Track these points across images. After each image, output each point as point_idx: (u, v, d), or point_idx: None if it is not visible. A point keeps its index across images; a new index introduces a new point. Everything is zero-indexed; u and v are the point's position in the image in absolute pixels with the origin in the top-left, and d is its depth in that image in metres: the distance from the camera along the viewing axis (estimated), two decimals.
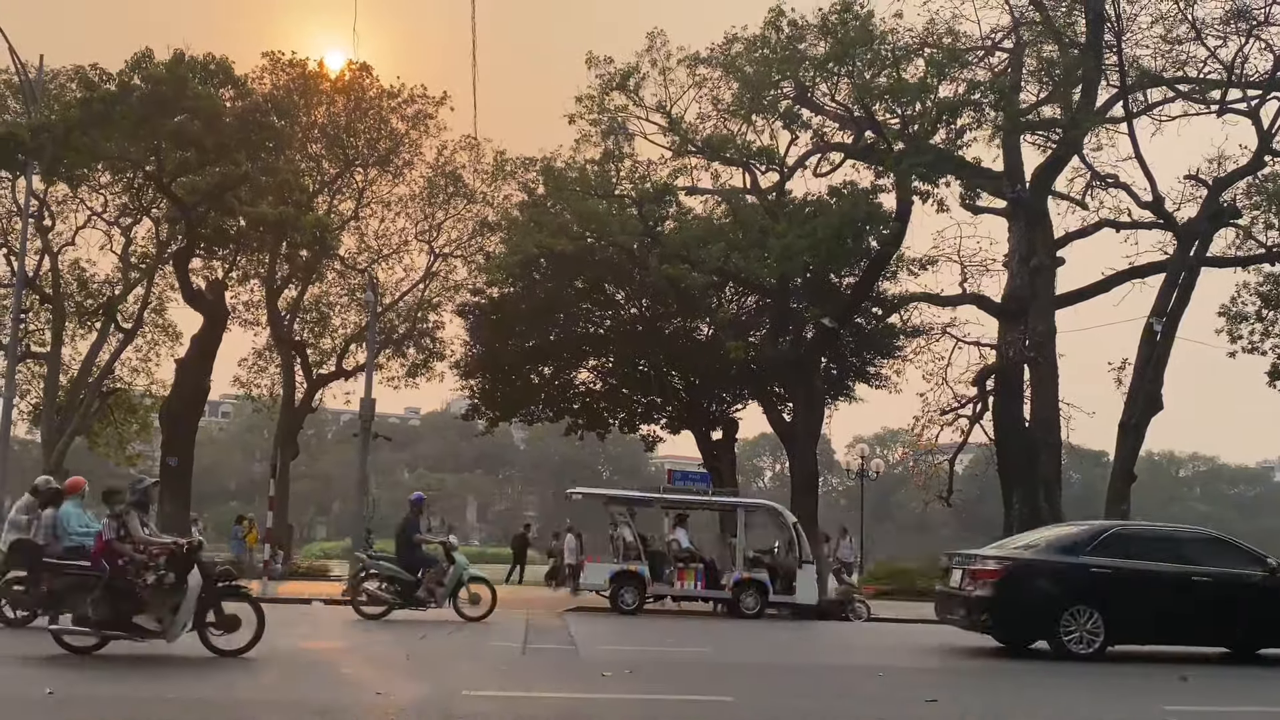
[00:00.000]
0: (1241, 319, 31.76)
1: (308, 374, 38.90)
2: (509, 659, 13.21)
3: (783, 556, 23.15)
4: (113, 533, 11.68)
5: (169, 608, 11.41)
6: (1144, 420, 32.04)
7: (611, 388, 36.49)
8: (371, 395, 27.30)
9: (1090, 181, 33.28)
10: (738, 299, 34.58)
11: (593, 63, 29.13)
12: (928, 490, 39.19)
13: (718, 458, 35.23)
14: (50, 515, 14.27)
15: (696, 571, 22.43)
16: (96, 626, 11.35)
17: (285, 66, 35.39)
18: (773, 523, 24.49)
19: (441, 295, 39.13)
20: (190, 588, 11.47)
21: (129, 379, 41.46)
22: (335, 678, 11.02)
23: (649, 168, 30.31)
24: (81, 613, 11.34)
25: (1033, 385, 32.98)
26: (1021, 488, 31.31)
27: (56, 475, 37.06)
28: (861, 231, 27.71)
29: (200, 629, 11.75)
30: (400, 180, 38.27)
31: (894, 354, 35.36)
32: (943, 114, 26.36)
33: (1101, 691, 12.14)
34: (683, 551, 22.95)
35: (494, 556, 67.18)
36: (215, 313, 33.65)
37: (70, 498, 14.53)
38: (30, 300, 37.06)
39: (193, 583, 11.50)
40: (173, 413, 33.03)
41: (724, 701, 10.26)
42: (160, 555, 11.62)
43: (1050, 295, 32.81)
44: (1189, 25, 30.67)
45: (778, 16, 28.48)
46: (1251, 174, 31.51)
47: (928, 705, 10.17)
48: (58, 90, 32.75)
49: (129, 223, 38.51)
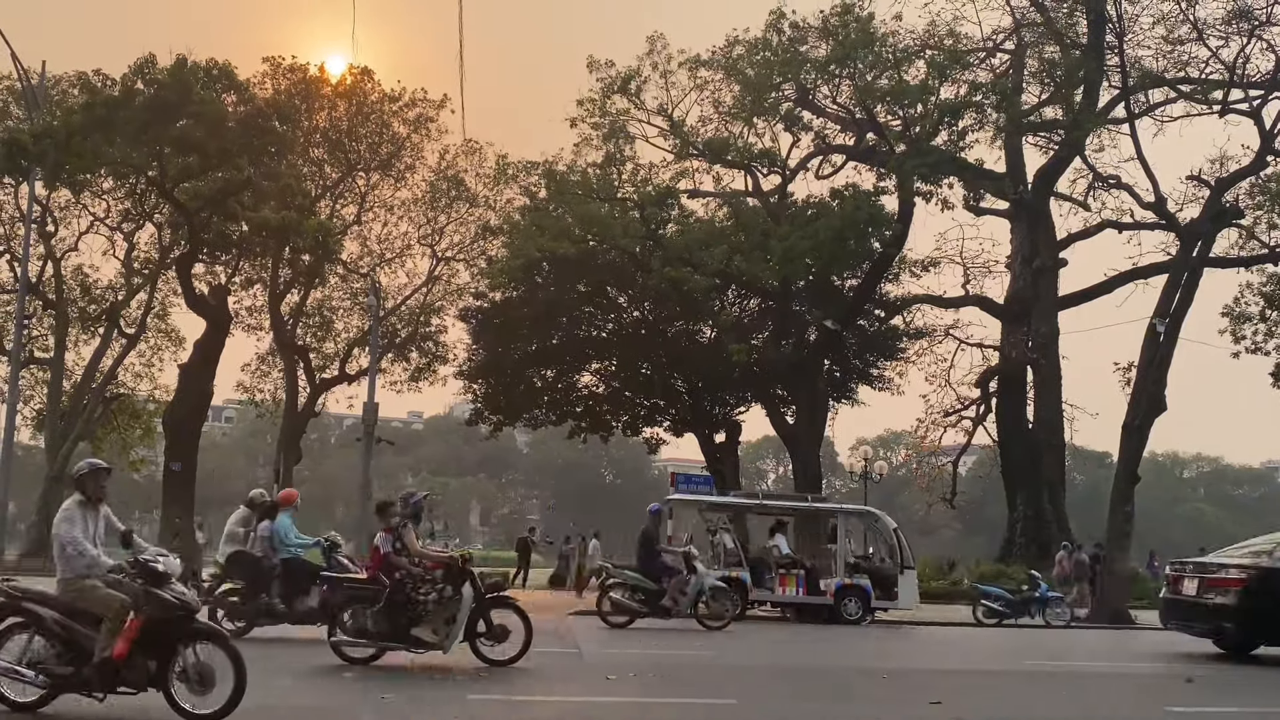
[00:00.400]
0: (1245, 319, 31.68)
1: (310, 379, 38.90)
2: None
3: (878, 561, 23.08)
4: (389, 546, 11.83)
5: (445, 619, 11.59)
6: (1147, 421, 31.96)
7: (614, 391, 36.48)
8: (374, 399, 27.27)
9: (1092, 182, 33.26)
10: (740, 302, 34.58)
11: (594, 66, 29.17)
12: (931, 492, 39.19)
13: (721, 460, 35.22)
14: (267, 527, 14.45)
15: (797, 578, 22.33)
16: (376, 639, 11.54)
17: (286, 71, 35.44)
18: (872, 528, 24.22)
19: (444, 299, 39.15)
20: (465, 599, 11.65)
21: (132, 384, 41.58)
22: (338, 681, 11.01)
23: (651, 171, 30.35)
24: (361, 625, 11.53)
25: (1036, 387, 32.98)
26: (1025, 489, 31.31)
27: (60, 481, 37.37)
28: (864, 233, 27.70)
29: (471, 639, 11.90)
30: (402, 184, 38.35)
31: (897, 356, 35.35)
32: (944, 115, 26.37)
33: (1105, 692, 12.12)
34: (784, 558, 22.85)
35: (498, 560, 67.29)
36: (218, 318, 33.66)
37: (284, 510, 14.72)
38: (33, 306, 37.15)
39: (467, 595, 11.68)
40: (176, 418, 33.05)
41: (727, 704, 10.25)
42: (436, 568, 11.79)
43: (1053, 296, 32.81)
44: (1190, 26, 30.64)
45: (779, 19, 28.52)
46: (1254, 174, 31.45)
47: (931, 706, 10.15)
48: (60, 96, 32.82)
49: (131, 228, 38.61)
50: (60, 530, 8.18)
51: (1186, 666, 14.32)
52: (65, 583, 8.15)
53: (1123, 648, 17.82)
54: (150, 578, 7.97)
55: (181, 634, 8.02)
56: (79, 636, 7.96)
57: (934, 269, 33.08)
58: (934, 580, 30.79)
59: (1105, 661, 15.87)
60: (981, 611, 23.54)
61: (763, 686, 11.63)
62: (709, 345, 33.91)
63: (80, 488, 8.41)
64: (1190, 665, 14.56)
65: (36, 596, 8.20)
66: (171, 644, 7.97)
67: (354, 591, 11.81)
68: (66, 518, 8.22)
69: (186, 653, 7.97)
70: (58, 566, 8.22)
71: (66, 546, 8.10)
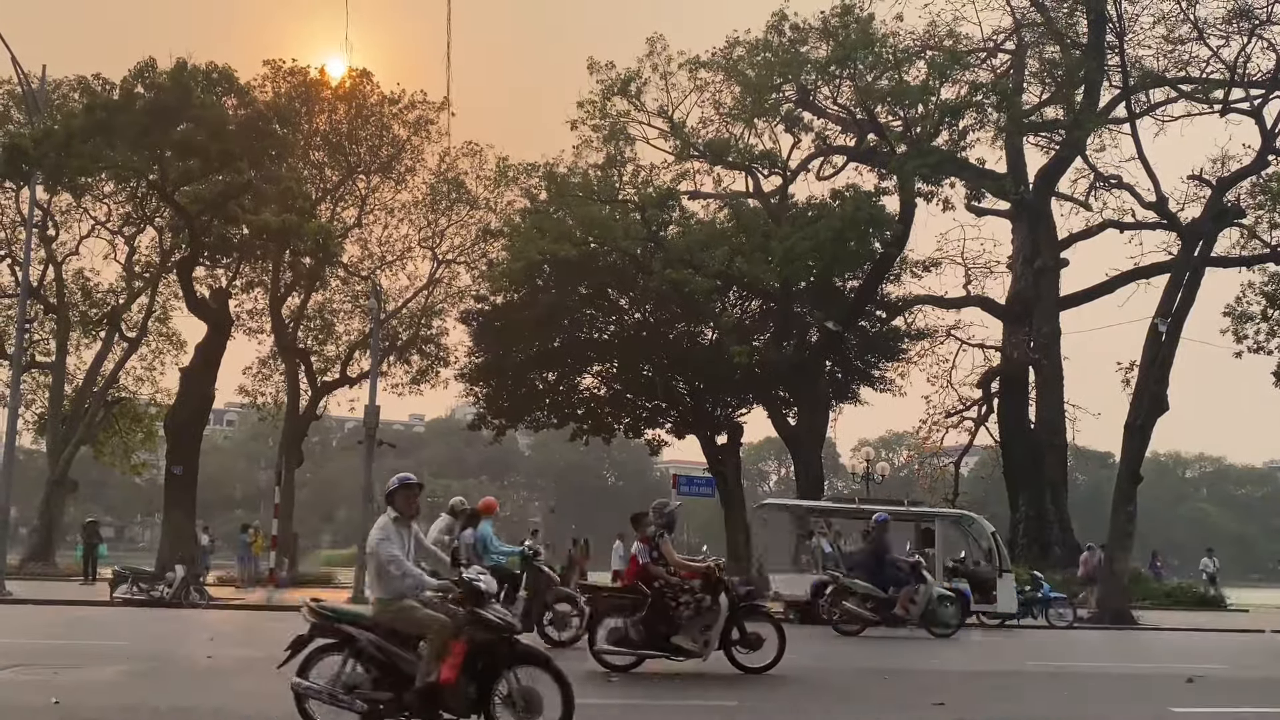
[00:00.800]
0: (1247, 319, 31.62)
1: (312, 381, 38.88)
2: None
3: (972, 564, 23.04)
4: (647, 556, 12.01)
5: (701, 628, 11.77)
6: (1149, 421, 31.93)
7: (616, 393, 36.44)
8: (376, 402, 27.25)
9: (1093, 182, 33.26)
10: (741, 303, 34.55)
11: (594, 68, 29.16)
12: (933, 493, 39.16)
13: (723, 462, 35.19)
14: (471, 535, 14.83)
15: None
16: (638, 647, 11.68)
17: (287, 74, 35.43)
18: (968, 532, 24.13)
19: (445, 302, 39.13)
20: (722, 609, 11.84)
21: (133, 388, 41.57)
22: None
23: (651, 172, 30.33)
24: (621, 634, 11.68)
25: (1038, 387, 32.98)
26: (1027, 490, 31.30)
27: (62, 484, 37.35)
28: (864, 234, 27.67)
29: (726, 647, 12.10)
30: (403, 187, 38.34)
31: (898, 357, 35.32)
32: (945, 116, 26.36)
33: (1109, 694, 12.10)
34: None
35: None
36: (219, 321, 33.63)
37: (485, 518, 15.10)
38: (35, 310, 37.16)
39: (723, 604, 11.86)
40: (177, 421, 33.02)
41: (728, 706, 10.23)
42: (692, 578, 11.93)
43: (1054, 296, 32.80)
44: (1191, 25, 30.64)
45: (779, 20, 28.51)
46: (1255, 173, 31.43)
47: (934, 708, 10.13)
48: (61, 100, 32.83)
49: (132, 232, 38.64)
50: (380, 549, 7.69)
51: (1188, 667, 14.30)
52: (382, 603, 7.73)
53: (1125, 648, 17.79)
54: (474, 598, 7.58)
55: (505, 657, 7.66)
56: (398, 660, 7.57)
57: (935, 269, 33.11)
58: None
59: (1108, 662, 15.84)
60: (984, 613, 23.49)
61: (764, 688, 11.60)
62: (710, 347, 33.87)
63: (391, 503, 7.99)
64: (1191, 666, 14.54)
65: (350, 617, 7.82)
66: (495, 668, 7.60)
67: (614, 601, 12.06)
68: (385, 536, 7.76)
69: (510, 676, 7.61)
70: (373, 586, 7.81)
71: (389, 566, 7.64)
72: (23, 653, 12.77)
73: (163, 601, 22.41)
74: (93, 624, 18.50)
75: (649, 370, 34.93)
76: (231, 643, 15.28)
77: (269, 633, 17.03)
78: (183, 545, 29.40)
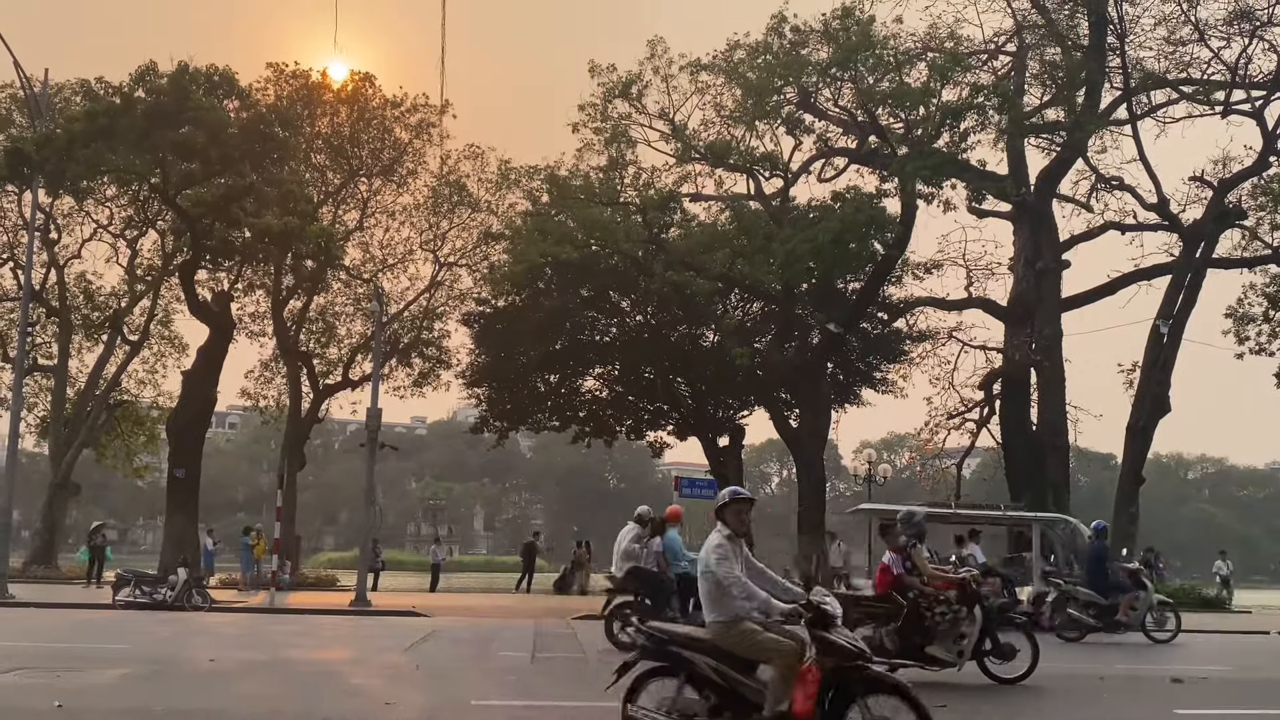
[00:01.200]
0: (1248, 320, 31.64)
1: (314, 384, 38.90)
2: (518, 668, 13.18)
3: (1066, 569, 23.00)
4: (900, 566, 12.09)
5: (954, 638, 11.81)
6: (1151, 422, 31.95)
7: (618, 395, 36.46)
8: (378, 405, 27.22)
9: (1095, 184, 33.25)
10: (743, 305, 34.56)
11: (596, 71, 29.13)
12: (936, 495, 39.12)
13: (724, 464, 35.19)
14: (659, 543, 15.16)
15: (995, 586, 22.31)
16: (892, 656, 11.61)
17: (289, 77, 35.45)
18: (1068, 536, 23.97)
19: (446, 305, 39.15)
20: (977, 619, 11.91)
21: (136, 391, 41.61)
22: (344, 688, 11.01)
23: (653, 175, 30.31)
24: (876, 642, 11.62)
25: (1039, 389, 32.93)
26: (1030, 491, 31.23)
27: (65, 487, 37.35)
28: (864, 236, 27.63)
29: (979, 658, 12.17)
30: (404, 190, 38.34)
31: (900, 358, 35.32)
32: (946, 118, 26.32)
33: (1111, 696, 12.09)
34: (980, 566, 22.78)
35: (500, 565, 67.27)
36: (221, 324, 33.70)
37: (672, 526, 15.41)
38: (37, 313, 37.21)
39: (978, 614, 11.93)
40: (180, 424, 33.08)
41: None
42: (947, 588, 11.97)
43: (1056, 298, 32.77)
44: (1192, 27, 30.65)
45: (780, 23, 28.48)
46: (1256, 175, 31.45)
47: (937, 710, 10.12)
48: (63, 104, 32.87)
49: (134, 235, 38.68)
50: (720, 570, 7.21)
51: (1187, 669, 14.29)
52: (720, 625, 7.23)
53: (1126, 651, 17.76)
54: (821, 620, 7.08)
55: (857, 685, 7.06)
56: (740, 686, 7.12)
57: (936, 271, 33.06)
58: None
59: (1109, 665, 15.82)
60: None
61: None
62: (712, 349, 33.88)
63: (721, 519, 7.49)
64: (1190, 667, 14.53)
65: (683, 639, 7.35)
66: (846, 697, 7.04)
67: (868, 609, 12.06)
68: (722, 555, 7.27)
69: (863, 705, 7.03)
70: (709, 608, 7.31)
71: (731, 587, 7.15)
72: (25, 656, 12.79)
73: (165, 604, 22.43)
74: (95, 627, 18.51)
75: (651, 372, 34.94)
76: (234, 646, 15.28)
77: (271, 636, 17.06)
78: (185, 548, 29.45)
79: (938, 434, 36.10)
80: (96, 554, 31.91)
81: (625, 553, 15.33)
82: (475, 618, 22.25)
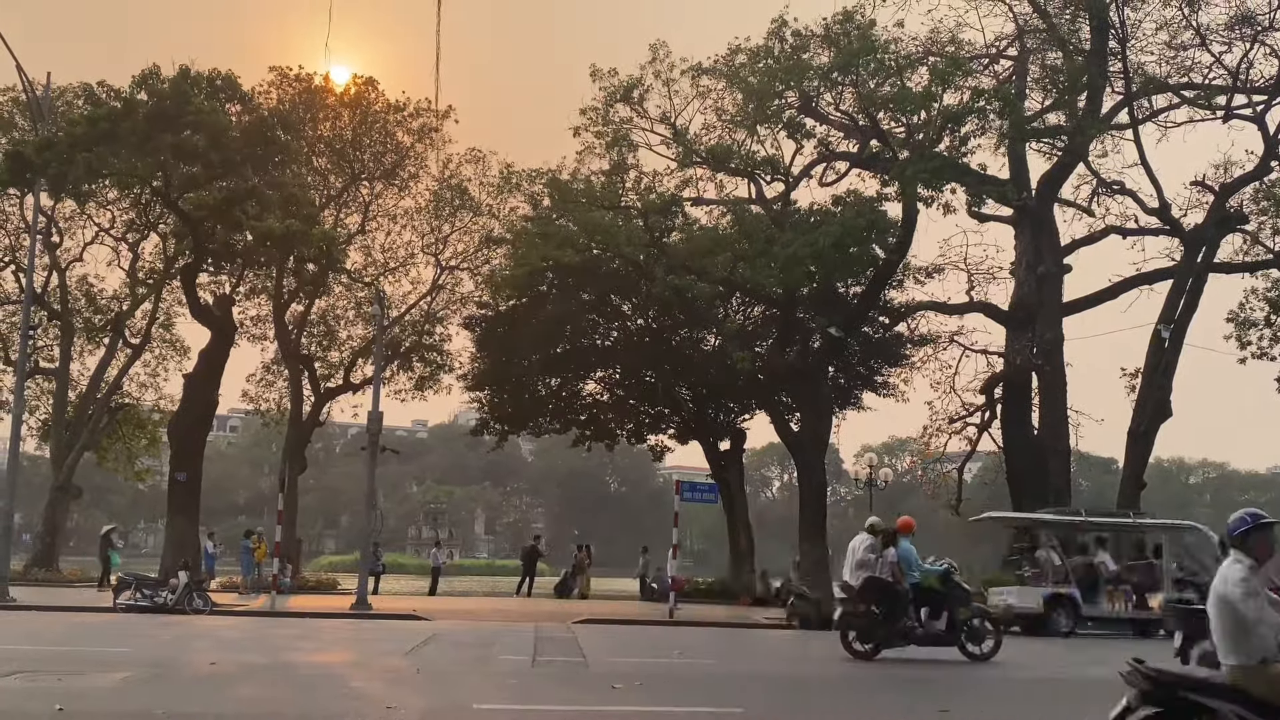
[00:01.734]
0: (1250, 325, 31.66)
1: (315, 388, 38.91)
2: (519, 672, 13.17)
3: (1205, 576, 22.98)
4: None
5: None
6: (1153, 427, 31.96)
7: (619, 399, 36.46)
8: (379, 409, 27.23)
9: (1096, 188, 33.28)
10: (744, 309, 34.55)
11: (597, 75, 29.13)
12: (936, 499, 39.11)
13: (725, 468, 35.18)
14: (893, 553, 15.33)
15: (1125, 594, 22.24)
16: None
17: (291, 81, 35.50)
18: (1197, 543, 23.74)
19: (448, 308, 39.16)
20: None
21: (137, 394, 41.63)
22: (345, 691, 11.00)
23: (654, 179, 30.32)
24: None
25: (1041, 393, 32.94)
26: (1030, 496, 31.22)
27: (66, 490, 37.36)
28: (865, 240, 27.63)
29: None
30: (406, 193, 38.34)
31: (901, 363, 35.30)
32: (947, 122, 26.32)
33: (1112, 698, 12.05)
34: (1110, 574, 22.73)
35: (501, 569, 67.32)
36: (223, 327, 33.71)
37: (904, 536, 15.53)
38: (39, 316, 37.20)
39: None
40: (181, 427, 33.10)
41: (734, 713, 10.23)
42: None
43: (1057, 302, 32.78)
44: (1193, 31, 30.69)
45: (781, 27, 28.46)
46: (1258, 179, 31.47)
47: (940, 715, 10.12)
48: (65, 107, 32.90)
49: (136, 238, 38.70)
50: (1247, 607, 6.32)
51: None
52: (1246, 670, 6.33)
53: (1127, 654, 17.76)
54: None
55: None
56: None
57: (938, 275, 33.04)
58: None
59: (1111, 668, 15.81)
60: None
61: (769, 695, 11.60)
62: (713, 353, 33.88)
63: (1241, 546, 6.55)
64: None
65: (1197, 683, 6.52)
66: None
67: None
68: (1249, 590, 6.36)
69: None
70: (1230, 648, 6.40)
71: (1258, 625, 6.28)
72: (26, 659, 12.78)
73: (166, 608, 22.43)
74: (96, 630, 18.51)
75: (652, 376, 34.94)
76: (234, 649, 15.28)
77: (271, 639, 17.07)
78: (186, 551, 29.45)
79: (939, 438, 36.12)
80: (104, 558, 31.95)
81: (860, 562, 15.65)
82: (476, 621, 22.26)
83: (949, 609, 14.99)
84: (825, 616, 22.74)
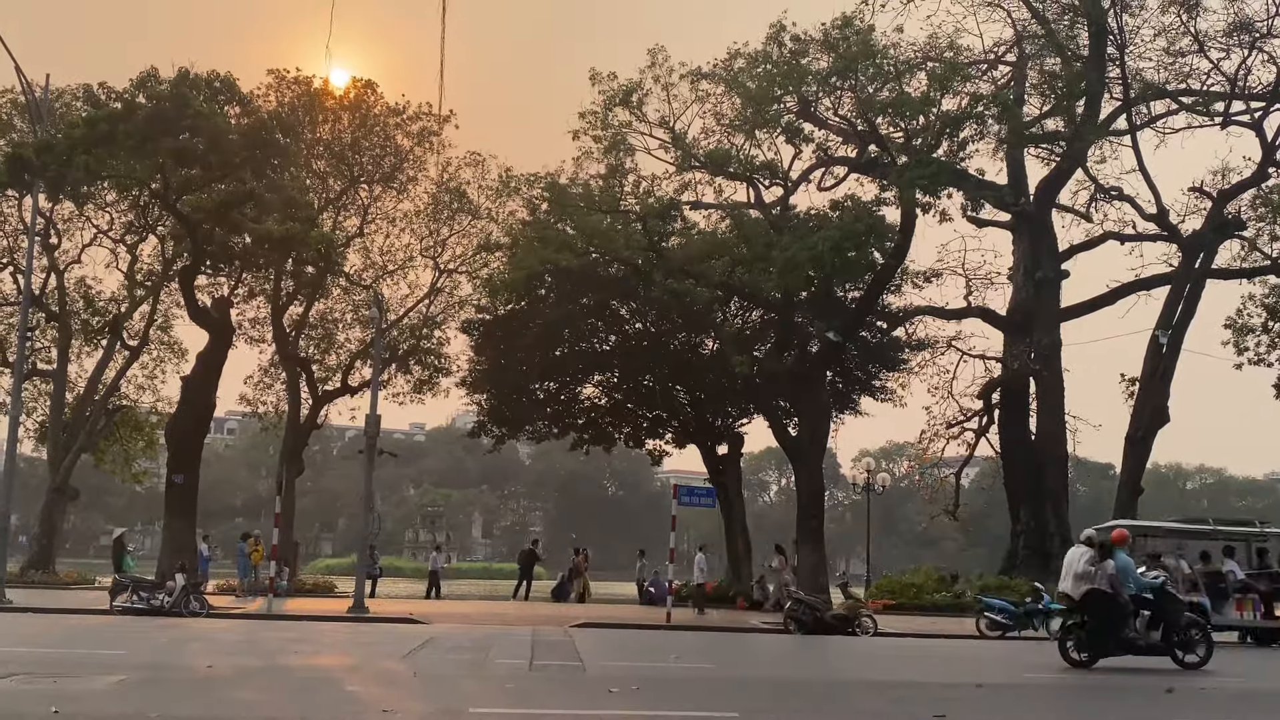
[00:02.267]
0: (1247, 331, 31.71)
1: (313, 390, 38.89)
2: (516, 676, 13.16)
3: None
4: None
5: None
6: (1150, 433, 31.99)
7: (617, 403, 36.45)
8: (376, 411, 27.21)
9: (1094, 194, 33.35)
10: (742, 313, 34.56)
11: (596, 79, 29.15)
12: (934, 504, 39.14)
13: (724, 472, 35.18)
14: (1111, 566, 15.47)
15: (1254, 602, 22.30)
16: None
17: (290, 84, 35.50)
18: None
19: (446, 311, 39.13)
20: None
21: (135, 396, 41.63)
22: (341, 695, 10.99)
23: (653, 183, 30.34)
24: None
25: (1038, 398, 32.97)
26: (1028, 501, 31.28)
27: (63, 492, 37.30)
28: (863, 244, 27.67)
29: None
30: (405, 196, 38.34)
31: (899, 367, 35.32)
32: (946, 127, 26.37)
33: (1108, 704, 12.07)
34: (1238, 582, 22.75)
35: (498, 572, 67.23)
36: (221, 330, 33.69)
37: (1120, 548, 15.81)
38: (36, 318, 37.19)
39: None
40: (179, 430, 33.07)
41: (730, 717, 10.22)
42: None
43: (1055, 308, 32.82)
44: (1191, 38, 30.76)
45: (780, 32, 28.50)
46: (1256, 186, 31.54)
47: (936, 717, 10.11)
48: (64, 109, 32.91)
49: (135, 240, 38.69)
50: None
51: (1182, 679, 14.27)
52: None
53: (1127, 659, 17.73)
54: None
55: None
56: None
57: (936, 280, 33.11)
58: (936, 593, 30.74)
59: (1107, 674, 15.80)
60: (985, 624, 23.45)
61: (765, 699, 11.58)
62: (711, 357, 33.89)
63: None
64: (1187, 678, 14.50)
65: None
66: None
67: None
68: None
69: None
70: None
71: None
72: (22, 661, 12.76)
73: (162, 610, 22.40)
74: (92, 633, 18.49)
75: (650, 380, 34.95)
76: (231, 652, 15.26)
77: (268, 642, 17.04)
78: (183, 554, 29.41)
79: (936, 443, 36.14)
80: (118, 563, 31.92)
81: (1081, 574, 15.77)
82: (473, 625, 22.24)
83: (1166, 619, 15.37)
84: (822, 620, 22.80)
